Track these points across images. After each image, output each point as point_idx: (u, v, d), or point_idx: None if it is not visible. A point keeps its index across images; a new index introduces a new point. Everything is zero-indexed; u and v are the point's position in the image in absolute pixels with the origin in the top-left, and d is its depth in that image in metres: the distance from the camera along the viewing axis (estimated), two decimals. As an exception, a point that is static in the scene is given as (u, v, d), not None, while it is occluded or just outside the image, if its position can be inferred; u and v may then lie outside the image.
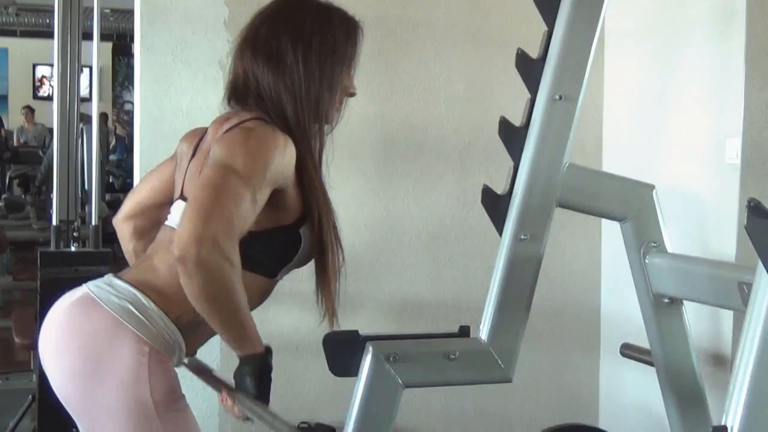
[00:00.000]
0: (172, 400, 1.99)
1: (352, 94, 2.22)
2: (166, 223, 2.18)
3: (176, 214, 2.15)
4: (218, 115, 2.24)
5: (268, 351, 1.95)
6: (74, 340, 1.99)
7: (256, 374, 1.92)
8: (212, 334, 2.12)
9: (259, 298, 2.09)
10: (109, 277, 2.08)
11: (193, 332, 2.05)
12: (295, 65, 2.11)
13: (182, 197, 2.16)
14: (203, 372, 2.27)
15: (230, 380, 1.98)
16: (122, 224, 2.39)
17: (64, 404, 2.02)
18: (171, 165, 2.33)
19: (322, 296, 2.19)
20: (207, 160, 2.06)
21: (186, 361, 2.19)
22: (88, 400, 1.98)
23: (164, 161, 2.39)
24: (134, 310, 1.98)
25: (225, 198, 1.87)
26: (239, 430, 3.08)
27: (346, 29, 2.20)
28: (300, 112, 2.12)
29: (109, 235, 4.93)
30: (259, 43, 2.15)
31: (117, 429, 1.96)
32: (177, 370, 2.05)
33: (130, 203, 2.41)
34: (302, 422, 3.32)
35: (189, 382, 2.05)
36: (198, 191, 1.89)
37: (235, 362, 1.92)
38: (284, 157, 2.02)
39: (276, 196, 2.03)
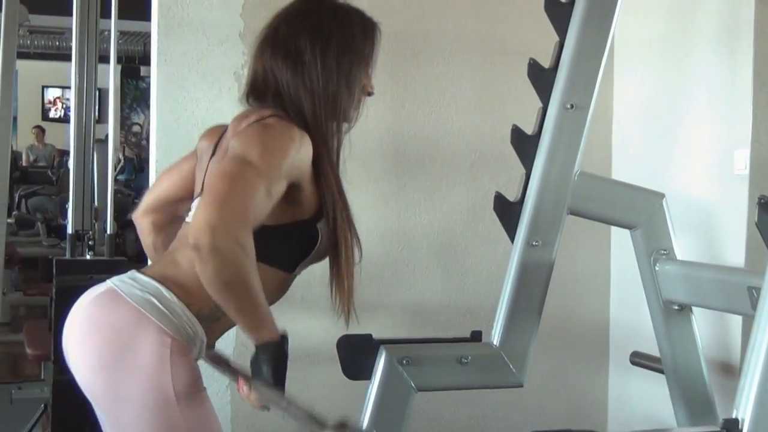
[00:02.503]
0: (194, 391, 2.01)
1: (370, 93, 2.23)
2: (187, 219, 2.20)
3: (195, 208, 2.17)
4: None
5: (284, 338, 1.93)
6: (99, 332, 2.01)
7: (272, 362, 1.91)
8: (232, 325, 2.13)
9: (277, 292, 2.10)
10: (132, 273, 2.09)
11: (214, 324, 2.06)
12: (314, 63, 2.13)
13: (202, 194, 2.18)
14: (219, 362, 2.28)
15: (246, 369, 1.98)
16: (141, 219, 2.41)
17: (87, 396, 2.04)
18: (191, 161, 2.34)
19: (336, 293, 2.18)
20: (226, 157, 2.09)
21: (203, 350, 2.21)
22: (112, 391, 2.00)
23: (184, 157, 2.40)
24: (157, 302, 2.00)
25: (239, 188, 1.89)
26: (252, 419, 3.07)
27: (364, 28, 2.23)
28: (318, 109, 2.13)
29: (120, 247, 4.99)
30: (278, 41, 2.16)
31: (139, 419, 1.97)
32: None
33: (149, 198, 2.42)
34: (314, 428, 3.33)
35: (202, 372, 2.06)
36: (213, 182, 1.92)
37: (251, 351, 1.92)
38: (300, 152, 2.04)
39: (292, 192, 2.05)
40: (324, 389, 3.03)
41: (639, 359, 3.17)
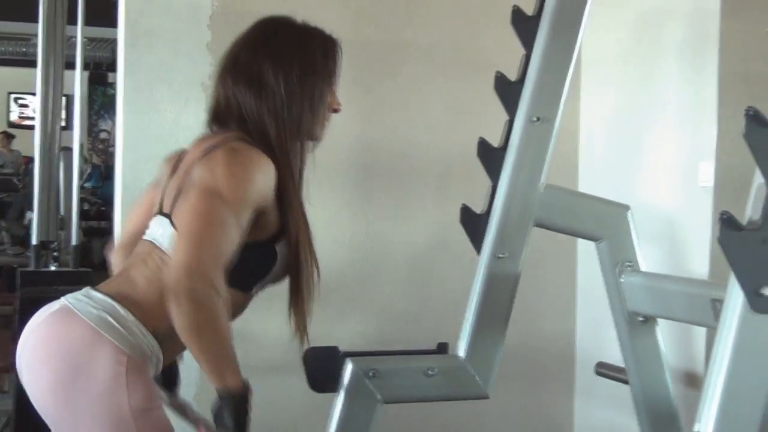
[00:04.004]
0: (150, 408, 1.99)
1: (336, 110, 2.25)
2: (144, 237, 2.20)
3: (154, 227, 2.16)
4: (200, 134, 2.27)
5: (247, 388, 1.93)
6: (53, 351, 1.99)
7: (235, 411, 1.89)
8: (185, 346, 2.12)
9: (233, 312, 2.10)
10: (87, 290, 2.08)
11: (170, 342, 2.04)
12: (277, 88, 2.14)
13: (161, 212, 2.18)
14: (180, 408, 2.29)
15: (209, 417, 1.97)
16: (116, 257, 2.40)
17: (42, 416, 2.01)
18: (153, 191, 2.34)
19: (294, 314, 2.21)
20: (188, 177, 2.09)
21: (165, 397, 2.20)
22: (67, 410, 1.98)
23: (147, 188, 2.40)
24: (112, 320, 1.99)
25: (214, 228, 1.92)
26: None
27: (325, 48, 2.23)
28: (282, 132, 2.14)
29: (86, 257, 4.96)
30: (239, 68, 2.18)
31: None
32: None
33: (122, 236, 2.42)
34: (281, 440, 3.32)
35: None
36: (187, 222, 1.94)
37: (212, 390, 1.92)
38: (266, 178, 2.06)
39: (256, 215, 2.05)
40: (290, 401, 3.03)
41: (604, 370, 3.19)
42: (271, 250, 2.10)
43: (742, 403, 1.46)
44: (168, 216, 2.12)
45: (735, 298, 1.50)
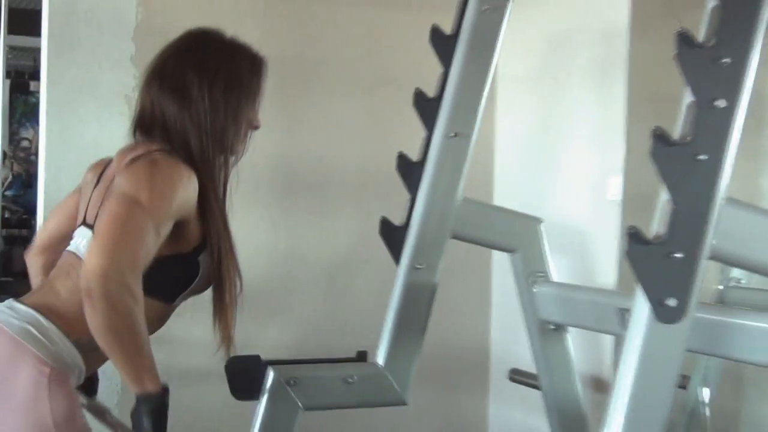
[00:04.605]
0: (73, 419, 1.97)
1: (257, 127, 2.24)
2: (68, 248, 2.16)
3: (78, 239, 2.14)
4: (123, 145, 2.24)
5: (165, 390, 1.90)
6: None
7: (152, 413, 1.87)
8: (107, 357, 2.12)
9: (157, 322, 2.09)
10: (10, 302, 2.05)
11: (93, 354, 2.01)
12: (201, 98, 2.12)
13: (85, 223, 2.15)
14: (100, 412, 2.26)
15: (127, 421, 1.95)
16: (33, 259, 2.36)
17: None
18: (76, 197, 2.30)
19: (219, 324, 2.20)
20: (111, 187, 2.06)
21: (84, 401, 2.17)
22: None
23: (69, 194, 2.36)
24: (35, 331, 1.96)
25: (130, 233, 1.88)
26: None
27: (251, 64, 2.23)
28: (205, 144, 2.12)
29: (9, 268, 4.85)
30: (166, 75, 2.16)
31: None
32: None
33: (39, 238, 2.38)
34: (203, 447, 3.29)
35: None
36: (104, 225, 1.90)
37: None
38: (188, 190, 2.04)
39: (177, 227, 2.03)
40: (214, 408, 3.00)
41: (517, 376, 3.22)
42: (194, 262, 2.09)
43: (648, 409, 1.49)
44: (91, 227, 2.09)
45: (641, 308, 1.52)
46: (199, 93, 2.13)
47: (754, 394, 3.14)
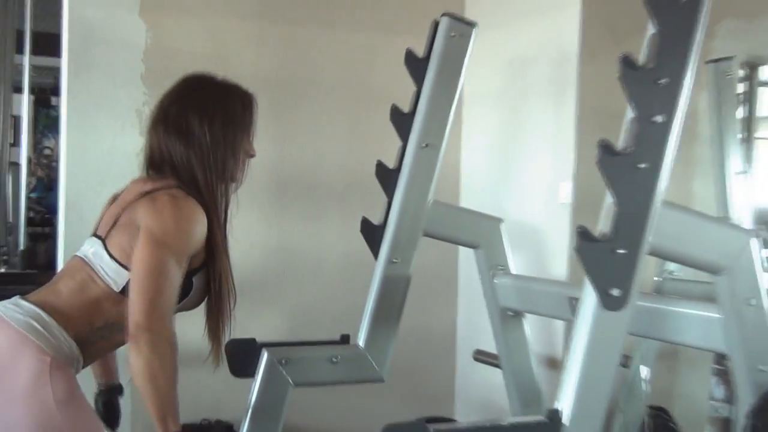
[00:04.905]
0: (73, 398, 1.96)
1: (252, 156, 2.23)
2: (77, 253, 2.16)
3: (87, 246, 2.14)
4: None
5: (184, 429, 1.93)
6: None
7: None
8: (107, 350, 2.16)
9: None
10: (16, 299, 2.04)
11: (90, 347, 2.04)
12: (203, 136, 2.11)
13: (95, 234, 2.15)
14: None
15: None
16: None
17: None
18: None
19: (211, 338, 2.20)
20: (125, 212, 2.08)
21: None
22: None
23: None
24: (37, 325, 1.95)
25: (165, 280, 1.93)
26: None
27: (243, 102, 2.21)
28: (209, 175, 2.12)
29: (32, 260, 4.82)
30: (169, 120, 2.14)
31: (28, 426, 1.91)
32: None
33: None
34: (204, 419, 3.28)
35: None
36: (143, 278, 1.93)
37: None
38: (203, 227, 2.06)
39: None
40: (214, 385, 2.98)
41: (481, 356, 3.21)
42: (188, 282, 2.08)
43: (594, 385, 1.49)
44: (101, 239, 2.10)
45: (589, 297, 1.52)
46: (201, 131, 2.11)
47: (686, 372, 3.16)
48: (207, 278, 2.12)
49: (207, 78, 2.22)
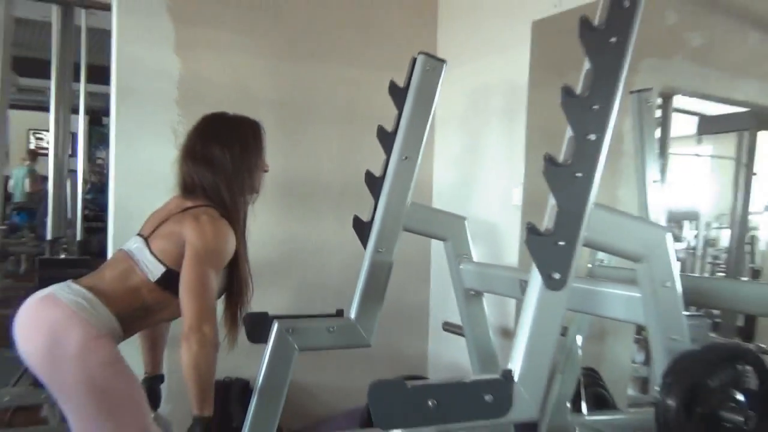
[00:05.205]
0: (114, 362, 1.96)
1: (266, 170, 2.28)
2: (122, 247, 2.16)
3: (131, 242, 2.16)
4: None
5: (213, 416, 1.93)
6: (41, 326, 1.94)
7: (204, 430, 1.91)
8: (143, 327, 2.16)
9: (177, 310, 2.06)
10: (68, 282, 2.05)
11: (130, 323, 2.05)
12: (225, 162, 2.16)
13: (140, 234, 2.16)
14: (163, 425, 2.30)
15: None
16: None
17: (36, 374, 1.96)
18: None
19: (229, 325, 2.23)
20: (168, 219, 2.10)
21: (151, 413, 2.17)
22: (53, 369, 1.93)
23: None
24: (86, 304, 1.96)
25: (208, 289, 1.98)
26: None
27: (253, 130, 2.25)
28: (232, 195, 2.16)
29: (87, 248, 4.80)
30: (197, 153, 2.18)
31: (79, 383, 1.91)
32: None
33: None
34: (226, 377, 3.26)
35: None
36: (193, 288, 1.97)
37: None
38: (233, 245, 2.10)
39: None
40: (234, 349, 2.97)
41: (449, 327, 3.22)
42: None
43: (539, 350, 1.49)
44: (144, 238, 2.12)
45: (535, 279, 1.52)
46: (223, 160, 2.16)
47: (612, 340, 3.17)
48: (231, 278, 2.16)
49: (221, 115, 2.26)
